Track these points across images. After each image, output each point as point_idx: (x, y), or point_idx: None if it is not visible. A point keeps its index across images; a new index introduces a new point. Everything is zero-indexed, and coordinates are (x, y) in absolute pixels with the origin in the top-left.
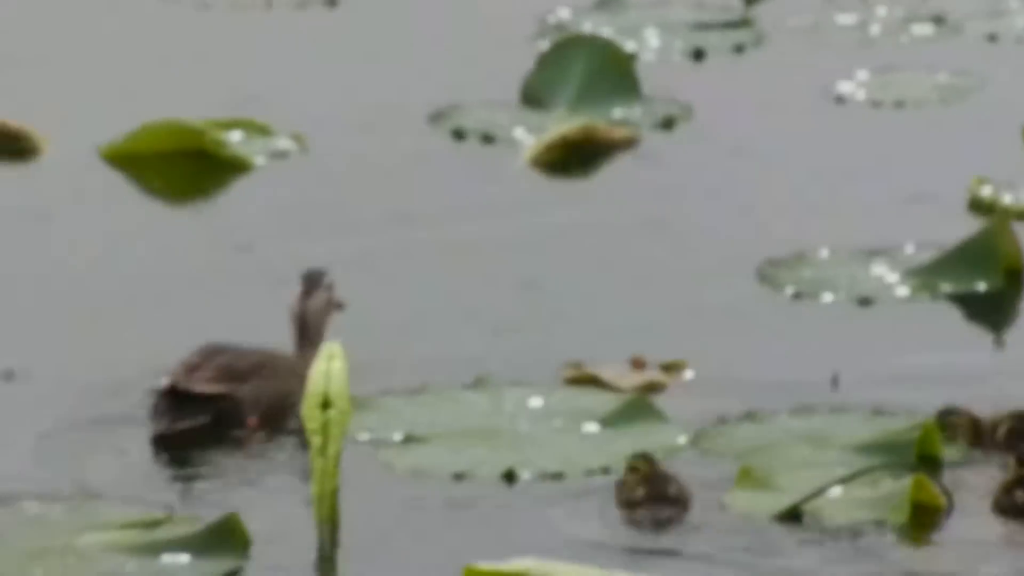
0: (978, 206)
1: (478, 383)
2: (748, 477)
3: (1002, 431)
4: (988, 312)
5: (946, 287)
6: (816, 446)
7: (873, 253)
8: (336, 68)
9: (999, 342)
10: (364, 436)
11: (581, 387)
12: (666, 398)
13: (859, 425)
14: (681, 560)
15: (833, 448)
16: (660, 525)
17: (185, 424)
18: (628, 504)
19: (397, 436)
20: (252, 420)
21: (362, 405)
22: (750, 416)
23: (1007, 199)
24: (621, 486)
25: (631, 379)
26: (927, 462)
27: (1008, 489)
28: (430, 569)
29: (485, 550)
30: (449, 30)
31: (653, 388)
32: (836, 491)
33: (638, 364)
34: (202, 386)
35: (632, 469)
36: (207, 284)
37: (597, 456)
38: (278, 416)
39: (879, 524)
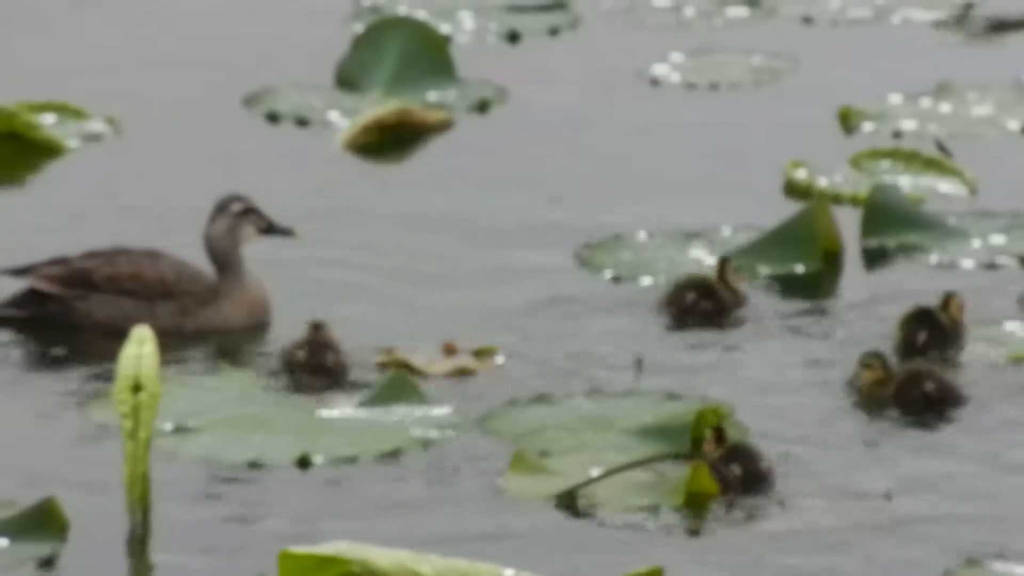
0: (793, 189)
1: (217, 370)
2: (521, 461)
3: (892, 387)
4: (805, 294)
5: (765, 269)
6: (598, 429)
7: (691, 235)
8: (152, 50)
9: (814, 323)
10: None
11: (390, 372)
12: (466, 381)
13: (647, 409)
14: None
15: (613, 431)
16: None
17: (8, 311)
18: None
19: (168, 426)
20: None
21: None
22: (542, 398)
23: (822, 182)
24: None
25: (442, 364)
26: (700, 446)
27: (716, 464)
28: (239, 553)
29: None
30: (264, 12)
31: (463, 373)
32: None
33: (450, 350)
34: (35, 281)
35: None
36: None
37: (386, 438)
38: (112, 333)
39: (654, 509)
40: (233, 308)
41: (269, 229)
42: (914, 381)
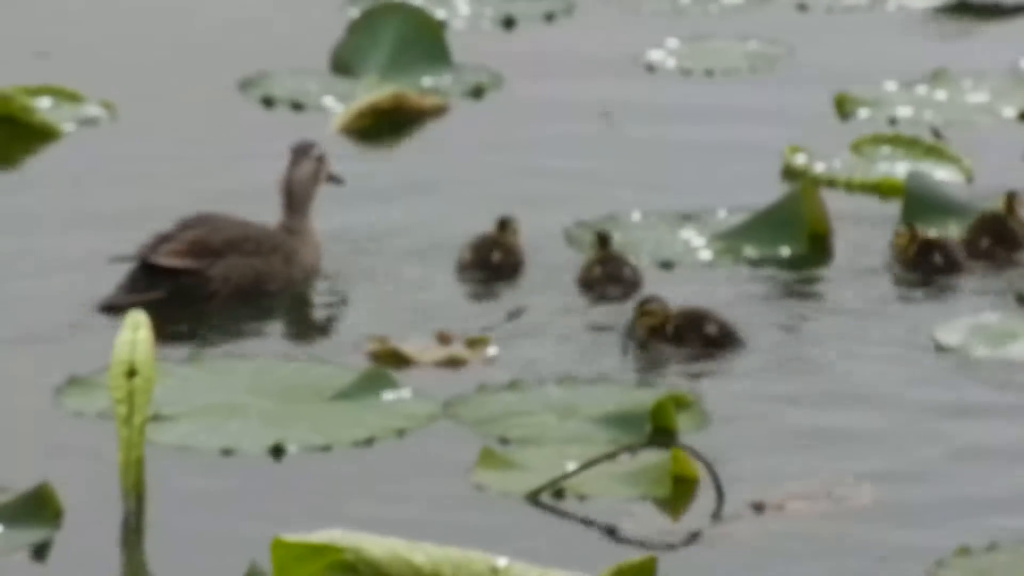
0: (792, 174)
1: (193, 358)
2: (490, 457)
3: (671, 329)
4: (787, 276)
5: (750, 251)
6: (561, 416)
7: (686, 217)
8: (147, 33)
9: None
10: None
11: (383, 361)
12: (456, 371)
13: (614, 396)
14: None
15: (576, 419)
16: None
17: (135, 297)
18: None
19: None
20: (222, 297)
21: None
22: (512, 385)
23: (820, 167)
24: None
25: (433, 353)
26: (661, 434)
27: (657, 329)
28: (233, 542)
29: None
30: None
31: (455, 362)
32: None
33: (443, 339)
34: (165, 259)
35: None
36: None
37: (358, 427)
38: (248, 294)
39: (642, 498)
40: (309, 252)
41: (331, 176)
42: (694, 322)
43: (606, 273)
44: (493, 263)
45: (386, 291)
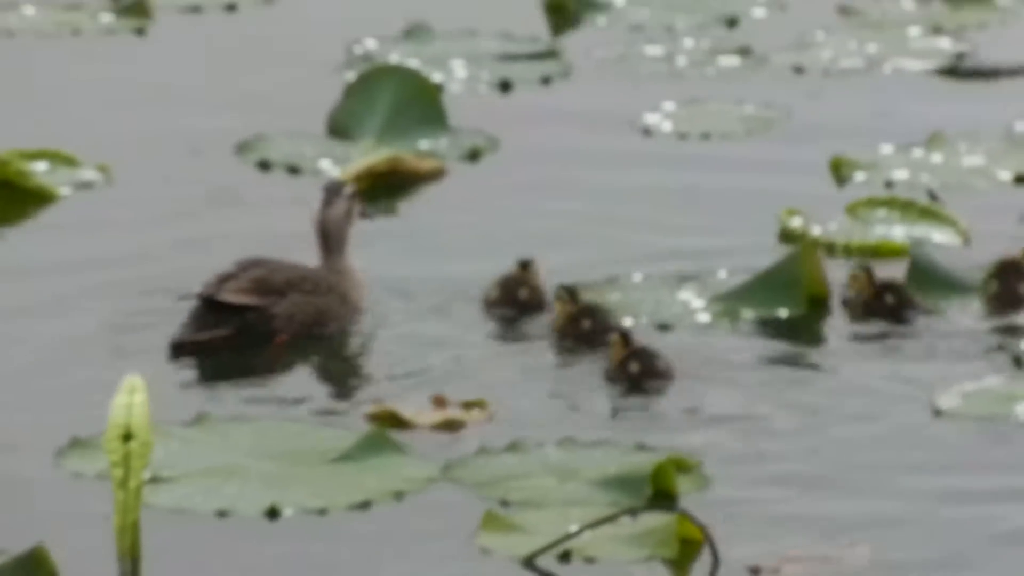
0: (789, 237)
1: (200, 421)
2: (494, 520)
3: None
4: (785, 339)
5: (748, 313)
6: (562, 479)
7: (685, 278)
8: (144, 98)
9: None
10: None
11: (381, 423)
12: (453, 434)
13: (614, 459)
14: None
15: (577, 481)
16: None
17: (205, 335)
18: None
19: (145, 475)
20: (281, 336)
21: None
22: (513, 447)
23: (816, 230)
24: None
25: (430, 416)
26: (662, 497)
27: (622, 363)
28: None
29: None
30: (256, 60)
31: (451, 425)
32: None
33: (439, 402)
34: (232, 296)
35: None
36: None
37: (355, 491)
38: (309, 333)
39: (649, 559)
40: (357, 292)
41: (361, 213)
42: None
43: (588, 326)
44: (520, 300)
45: (386, 350)
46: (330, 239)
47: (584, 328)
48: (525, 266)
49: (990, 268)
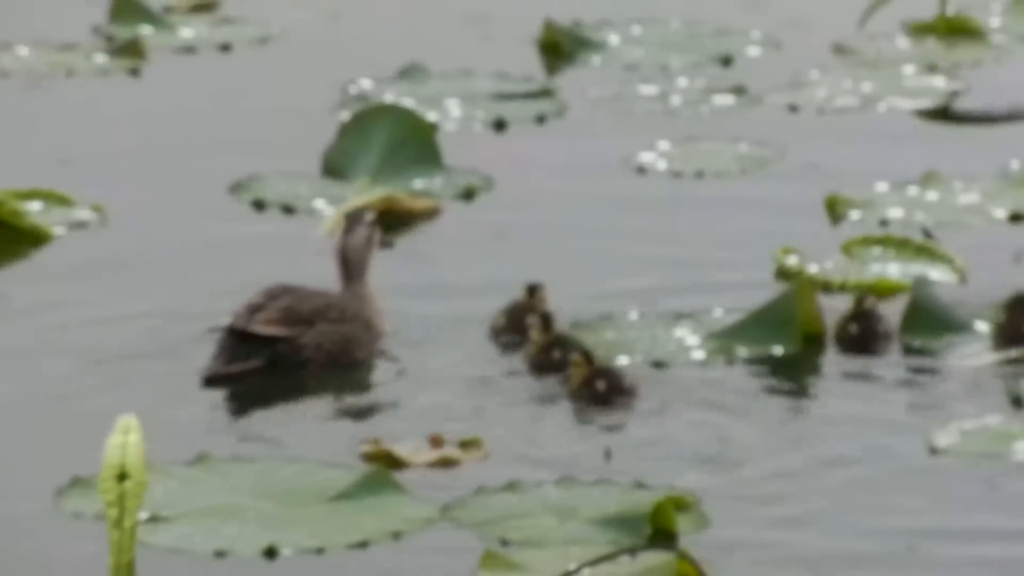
0: (785, 276)
1: (201, 460)
2: (493, 559)
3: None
4: (778, 376)
5: (743, 351)
6: (562, 518)
7: (681, 316)
8: (139, 138)
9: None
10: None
11: (377, 463)
12: (449, 472)
13: (613, 498)
14: None
15: (576, 520)
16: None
17: (238, 367)
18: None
19: (142, 515)
20: (315, 367)
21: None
22: (511, 487)
23: (813, 269)
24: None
25: (426, 455)
26: (661, 536)
27: (588, 382)
28: None
29: None
30: (251, 100)
31: (447, 463)
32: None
33: (436, 441)
34: (262, 327)
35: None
36: None
37: (353, 531)
38: (339, 360)
39: None
40: (377, 316)
41: (383, 242)
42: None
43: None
44: (527, 327)
45: (382, 387)
46: (351, 266)
47: (555, 359)
48: (532, 291)
49: (1004, 300)
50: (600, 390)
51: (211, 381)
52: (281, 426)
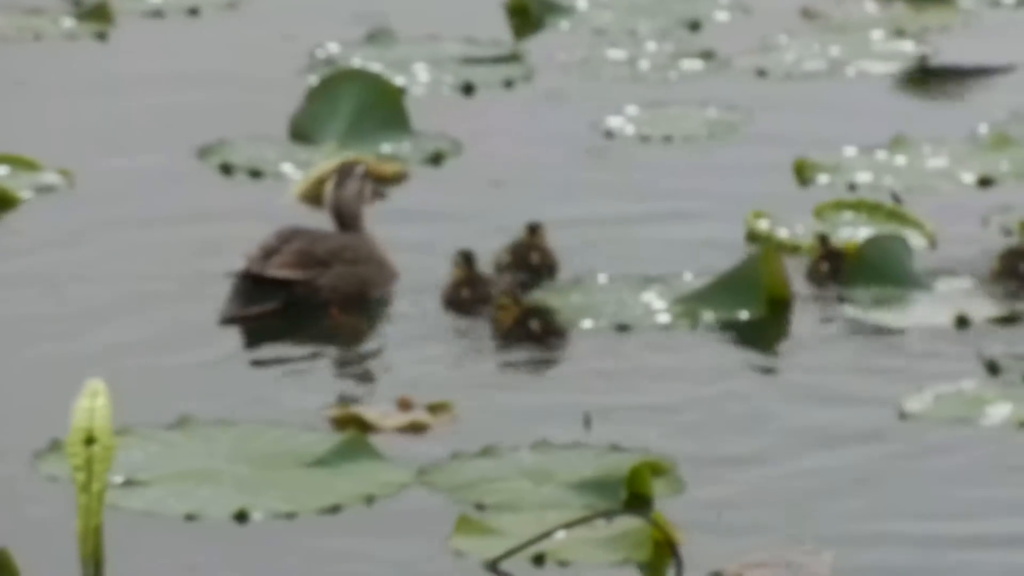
0: (756, 239)
1: (182, 424)
2: (467, 524)
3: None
4: (744, 341)
5: (708, 315)
6: (537, 482)
7: (650, 280)
8: (106, 102)
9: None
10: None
11: (345, 427)
12: (419, 436)
13: (588, 462)
14: None
15: (552, 484)
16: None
17: (255, 309)
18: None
19: (118, 479)
20: (334, 310)
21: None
22: (487, 451)
23: (783, 233)
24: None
25: (395, 419)
26: (637, 500)
27: (519, 321)
28: None
29: None
30: (218, 64)
31: (416, 428)
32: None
33: (404, 405)
34: (278, 271)
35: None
36: None
37: (327, 495)
38: (355, 301)
39: (625, 562)
40: (388, 255)
41: (376, 192)
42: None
43: (474, 295)
44: (532, 264)
45: (350, 351)
46: (344, 219)
47: (464, 297)
48: (534, 230)
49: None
50: (534, 329)
51: (228, 323)
52: (247, 390)
